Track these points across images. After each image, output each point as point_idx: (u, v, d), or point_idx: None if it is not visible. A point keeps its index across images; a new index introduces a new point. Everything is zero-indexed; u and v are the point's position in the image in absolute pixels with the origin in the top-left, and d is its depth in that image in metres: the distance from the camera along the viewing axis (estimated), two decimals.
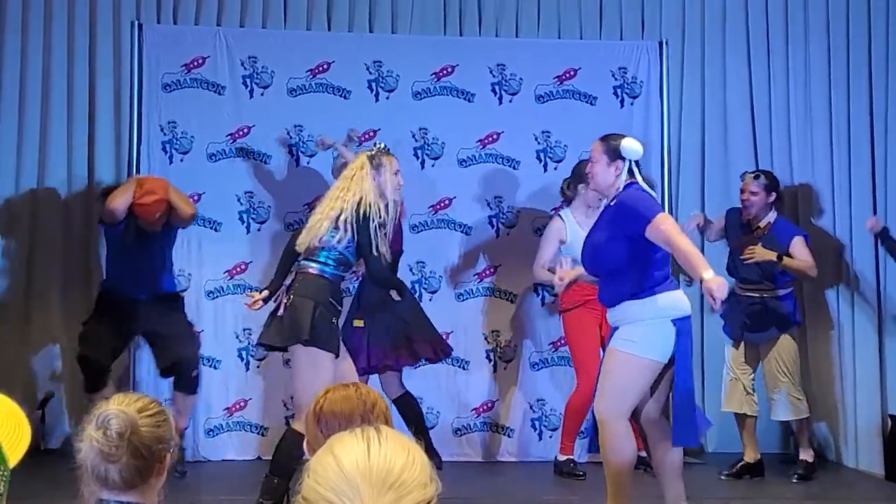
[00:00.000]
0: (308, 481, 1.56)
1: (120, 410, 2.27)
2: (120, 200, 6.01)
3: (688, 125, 7.09)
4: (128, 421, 2.25)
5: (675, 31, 7.11)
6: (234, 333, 6.72)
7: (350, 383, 2.65)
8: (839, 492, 6.23)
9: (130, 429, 2.25)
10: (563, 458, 6.39)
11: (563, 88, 6.97)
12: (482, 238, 6.91)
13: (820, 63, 7.01)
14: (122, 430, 2.24)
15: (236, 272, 6.76)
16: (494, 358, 6.89)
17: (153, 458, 2.29)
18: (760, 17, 7.09)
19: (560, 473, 6.36)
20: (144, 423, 2.28)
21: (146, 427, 2.28)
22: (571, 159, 6.87)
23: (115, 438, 2.23)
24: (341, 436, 1.60)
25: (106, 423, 2.25)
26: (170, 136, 6.74)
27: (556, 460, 6.43)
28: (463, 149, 6.90)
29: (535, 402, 6.86)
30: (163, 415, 2.35)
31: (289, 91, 6.81)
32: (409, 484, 1.52)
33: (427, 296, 6.83)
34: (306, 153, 6.77)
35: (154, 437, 2.29)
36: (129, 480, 2.26)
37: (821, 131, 7.00)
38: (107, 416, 2.26)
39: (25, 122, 6.66)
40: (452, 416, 6.81)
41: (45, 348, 6.57)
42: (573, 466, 6.34)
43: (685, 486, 4.88)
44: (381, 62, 6.87)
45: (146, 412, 2.31)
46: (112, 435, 2.23)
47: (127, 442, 2.24)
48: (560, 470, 6.38)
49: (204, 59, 6.76)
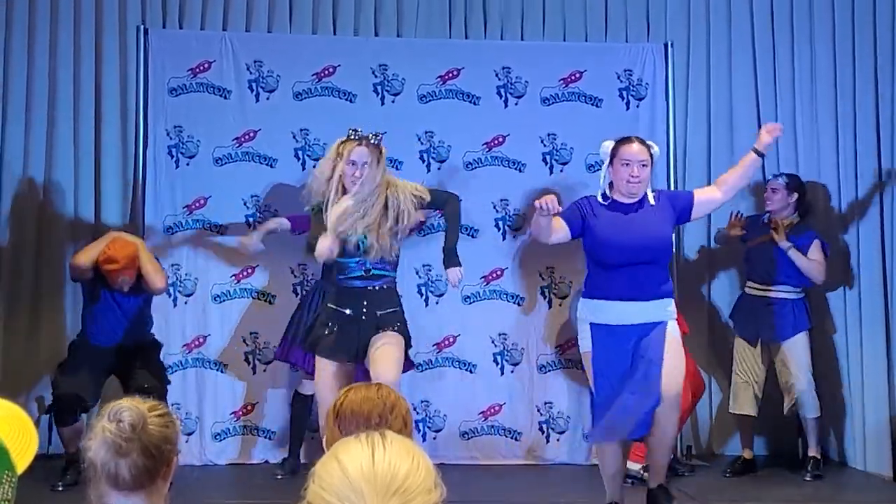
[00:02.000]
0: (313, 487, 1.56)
1: (132, 405, 2.30)
2: (83, 258, 5.98)
3: (693, 127, 7.08)
4: (140, 415, 2.28)
5: (681, 33, 7.11)
6: (240, 337, 6.73)
7: (371, 383, 2.65)
8: (846, 493, 6.23)
9: (142, 423, 2.27)
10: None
11: (568, 91, 6.97)
12: (488, 241, 6.91)
13: (825, 64, 7.00)
14: (134, 423, 2.26)
15: (243, 276, 6.76)
16: (502, 361, 6.88)
17: (161, 458, 2.30)
18: (766, 18, 7.08)
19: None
20: (153, 421, 2.30)
21: (155, 426, 2.30)
22: (577, 161, 6.88)
23: (128, 430, 2.25)
24: (346, 441, 1.60)
25: (119, 416, 2.27)
26: (176, 141, 6.75)
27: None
28: (469, 152, 6.91)
29: (543, 405, 6.85)
30: (170, 416, 2.37)
31: (294, 95, 6.82)
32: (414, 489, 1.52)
33: (434, 299, 6.83)
34: (312, 157, 6.78)
35: (162, 437, 2.31)
36: (138, 479, 2.27)
37: (827, 133, 6.99)
38: (119, 410, 2.28)
39: (32, 127, 6.67)
40: (460, 419, 6.81)
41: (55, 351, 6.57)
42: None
43: (694, 487, 4.91)
44: (386, 65, 6.87)
45: (155, 411, 2.33)
46: (125, 427, 2.25)
47: (137, 438, 2.25)
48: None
49: (210, 64, 6.77)
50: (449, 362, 6.83)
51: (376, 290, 5.24)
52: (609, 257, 4.98)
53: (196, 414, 6.66)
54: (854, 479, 6.51)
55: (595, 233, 5.02)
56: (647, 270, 4.96)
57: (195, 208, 6.74)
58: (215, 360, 6.70)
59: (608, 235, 5.00)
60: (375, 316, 5.20)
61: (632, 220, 5.03)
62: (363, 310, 5.20)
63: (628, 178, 5.01)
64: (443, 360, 6.82)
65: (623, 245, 4.96)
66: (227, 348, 6.73)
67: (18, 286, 6.64)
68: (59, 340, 6.61)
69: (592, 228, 5.02)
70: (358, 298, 5.22)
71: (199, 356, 6.71)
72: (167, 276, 6.32)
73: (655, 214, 5.06)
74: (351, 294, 5.23)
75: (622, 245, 4.96)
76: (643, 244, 4.97)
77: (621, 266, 4.96)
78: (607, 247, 4.99)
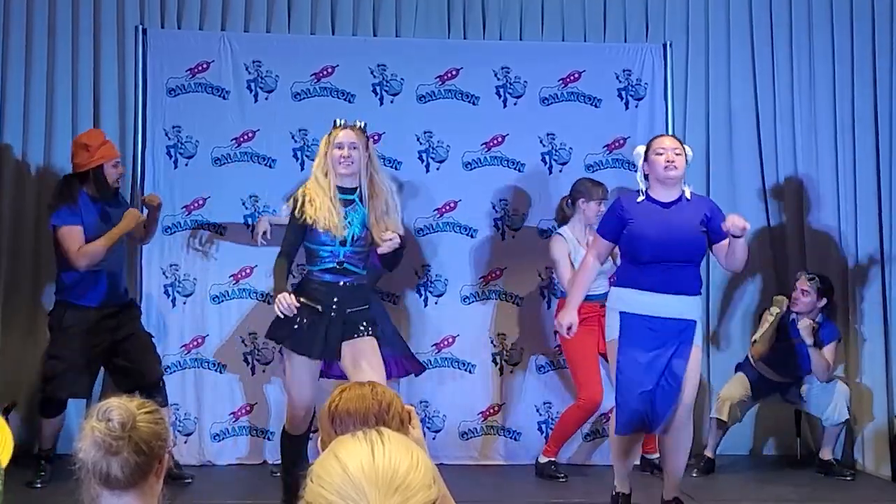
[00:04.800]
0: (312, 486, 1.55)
1: (121, 403, 2.30)
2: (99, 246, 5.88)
3: (692, 127, 7.08)
4: (129, 413, 2.27)
5: (680, 34, 7.11)
6: (239, 338, 6.72)
7: (366, 382, 2.63)
8: (846, 493, 6.22)
9: (132, 422, 2.26)
10: (545, 461, 6.45)
11: (567, 91, 6.96)
12: (487, 241, 6.91)
13: (824, 64, 7.01)
14: (124, 421, 2.25)
15: (242, 276, 6.76)
16: (500, 361, 6.88)
17: (152, 455, 2.30)
18: (764, 18, 7.08)
19: (541, 476, 6.40)
20: (143, 418, 2.30)
21: (144, 423, 2.29)
22: (576, 161, 6.87)
23: (118, 429, 2.24)
24: (344, 440, 1.59)
25: (108, 415, 2.26)
26: (175, 141, 6.74)
27: (538, 462, 6.47)
28: (468, 152, 6.90)
29: (542, 405, 6.85)
30: (159, 413, 2.37)
31: (293, 95, 6.81)
32: (415, 486, 1.52)
33: (432, 299, 6.83)
34: (311, 157, 6.76)
35: (153, 434, 2.30)
36: (130, 477, 2.27)
37: (825, 133, 6.99)
38: (108, 408, 2.28)
39: (30, 127, 6.66)
40: (458, 419, 6.80)
41: None
42: (555, 469, 6.40)
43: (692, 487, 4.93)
44: (385, 66, 6.87)
45: (144, 409, 2.33)
46: (115, 425, 2.25)
47: (128, 436, 2.25)
48: (541, 472, 6.42)
49: (208, 64, 6.77)
50: (448, 362, 6.82)
51: (346, 286, 5.17)
52: (644, 253, 5.03)
53: (195, 414, 6.66)
54: (854, 480, 6.50)
55: (631, 228, 5.07)
56: (680, 267, 5.02)
57: (194, 209, 6.74)
58: (214, 361, 6.70)
59: (644, 232, 5.04)
60: (344, 313, 5.14)
61: (668, 216, 5.07)
62: (333, 306, 5.13)
63: (665, 164, 5.08)
64: (442, 360, 6.82)
65: (658, 241, 5.01)
66: (225, 349, 6.72)
67: (16, 289, 6.62)
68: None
69: (629, 224, 5.08)
70: (328, 294, 5.15)
71: (197, 357, 6.70)
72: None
73: (691, 214, 5.10)
74: (322, 289, 5.17)
75: (657, 241, 5.01)
76: (678, 240, 5.01)
77: (655, 262, 5.00)
78: (643, 242, 5.03)
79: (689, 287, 5.06)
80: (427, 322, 6.80)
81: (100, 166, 5.94)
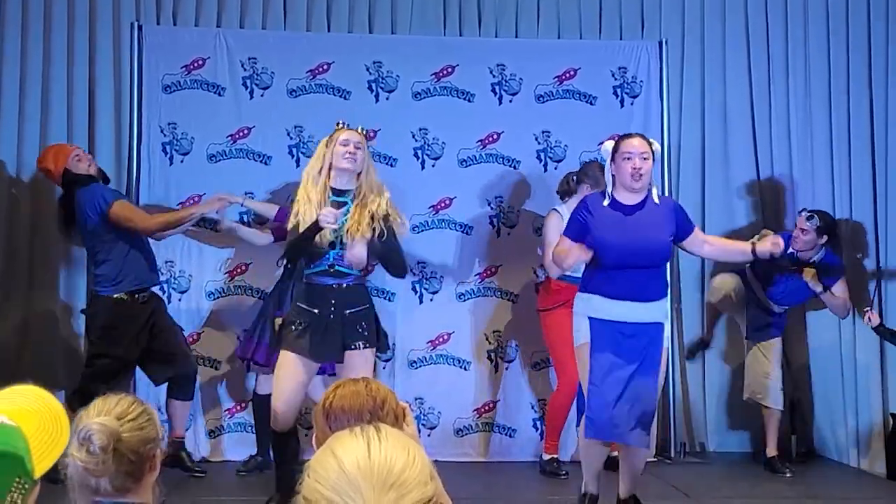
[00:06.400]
0: (308, 481, 1.55)
1: (101, 424, 2.21)
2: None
3: (688, 124, 7.09)
4: (109, 434, 2.20)
5: (675, 31, 7.11)
6: (234, 334, 6.72)
7: (360, 378, 2.62)
8: (841, 491, 6.23)
9: (113, 442, 2.20)
10: (547, 458, 6.44)
11: (562, 88, 6.97)
12: (483, 238, 6.91)
13: (819, 62, 7.02)
14: (104, 445, 2.19)
15: (237, 273, 6.76)
16: (496, 358, 6.88)
17: (142, 460, 2.26)
18: (760, 16, 7.10)
19: (544, 473, 6.40)
20: (127, 428, 2.24)
21: (129, 433, 2.23)
22: (571, 159, 6.88)
23: (99, 453, 2.19)
24: (340, 435, 1.59)
25: (88, 440, 2.19)
26: (170, 138, 6.74)
27: (541, 459, 6.47)
28: (463, 149, 6.90)
29: (537, 402, 6.86)
30: (146, 414, 2.30)
31: (289, 92, 6.81)
32: (410, 482, 1.51)
33: (428, 296, 6.83)
34: (306, 154, 6.76)
35: (140, 440, 2.25)
36: (121, 487, 2.23)
37: (821, 130, 7.00)
38: (88, 433, 2.20)
39: (25, 124, 6.65)
40: (453, 416, 6.81)
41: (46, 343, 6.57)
42: (557, 466, 6.38)
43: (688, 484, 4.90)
44: (380, 62, 6.87)
45: (127, 417, 2.26)
46: (95, 451, 2.19)
47: (112, 453, 2.20)
48: (544, 469, 6.42)
49: (204, 61, 6.76)
50: (443, 359, 6.83)
51: (343, 287, 5.13)
52: (607, 258, 4.92)
53: (190, 411, 6.64)
54: (848, 477, 6.51)
55: (594, 234, 4.96)
56: (644, 273, 4.93)
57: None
58: (209, 358, 6.69)
59: (608, 237, 4.93)
60: (343, 315, 5.10)
61: (632, 222, 4.96)
62: (331, 309, 5.09)
63: (631, 171, 4.93)
64: (437, 357, 6.82)
65: (622, 248, 4.90)
66: (221, 345, 6.72)
67: (11, 284, 6.62)
68: (50, 333, 6.61)
69: (592, 230, 4.97)
70: (326, 297, 5.11)
71: (193, 353, 6.68)
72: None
73: (657, 218, 5.01)
74: (319, 292, 5.11)
75: (621, 247, 4.90)
76: (642, 248, 4.92)
77: (619, 268, 4.92)
78: (606, 248, 4.91)
79: (654, 292, 4.98)
80: (422, 319, 6.80)
81: (66, 170, 5.95)
